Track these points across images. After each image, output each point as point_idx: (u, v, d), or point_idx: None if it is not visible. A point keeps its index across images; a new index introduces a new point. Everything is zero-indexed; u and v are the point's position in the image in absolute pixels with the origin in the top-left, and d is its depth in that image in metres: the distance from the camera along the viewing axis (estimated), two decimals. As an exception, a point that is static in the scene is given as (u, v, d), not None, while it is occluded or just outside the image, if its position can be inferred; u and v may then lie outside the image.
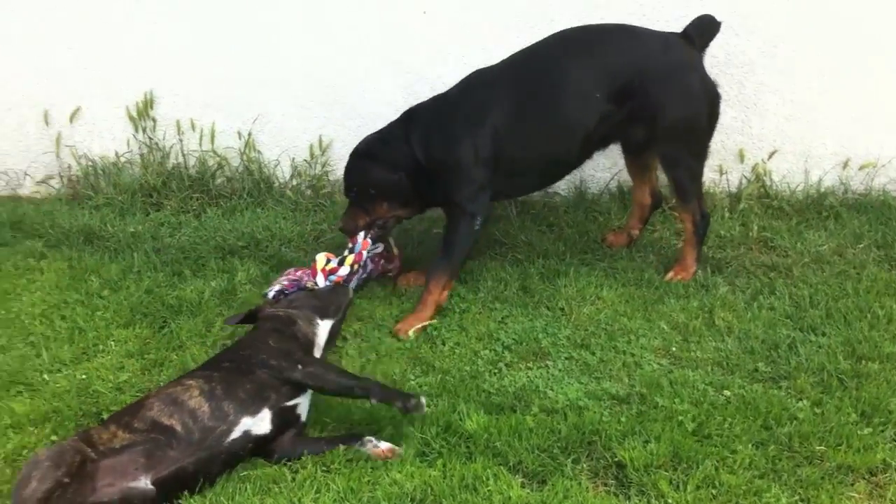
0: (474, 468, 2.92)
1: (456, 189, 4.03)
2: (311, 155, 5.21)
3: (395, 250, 4.34)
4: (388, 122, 4.22)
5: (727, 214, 4.67)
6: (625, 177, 4.91)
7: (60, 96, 5.41)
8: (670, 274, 4.17)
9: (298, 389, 3.14)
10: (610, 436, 3.05)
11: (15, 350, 3.81)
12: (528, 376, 3.46)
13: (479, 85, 4.11)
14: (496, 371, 3.52)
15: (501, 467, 2.95)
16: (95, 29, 5.28)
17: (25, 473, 2.71)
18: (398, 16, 4.95)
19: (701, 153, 4.16)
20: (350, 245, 4.08)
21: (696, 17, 4.14)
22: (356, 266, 4.03)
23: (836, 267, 4.18)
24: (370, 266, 4.17)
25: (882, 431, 3.04)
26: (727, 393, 3.29)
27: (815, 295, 3.91)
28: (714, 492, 2.81)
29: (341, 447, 3.05)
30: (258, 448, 3.07)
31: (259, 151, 5.29)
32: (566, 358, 3.58)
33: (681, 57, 4.06)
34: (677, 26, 4.17)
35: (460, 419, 3.15)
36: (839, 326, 3.67)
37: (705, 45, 4.18)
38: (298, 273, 3.99)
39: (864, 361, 3.42)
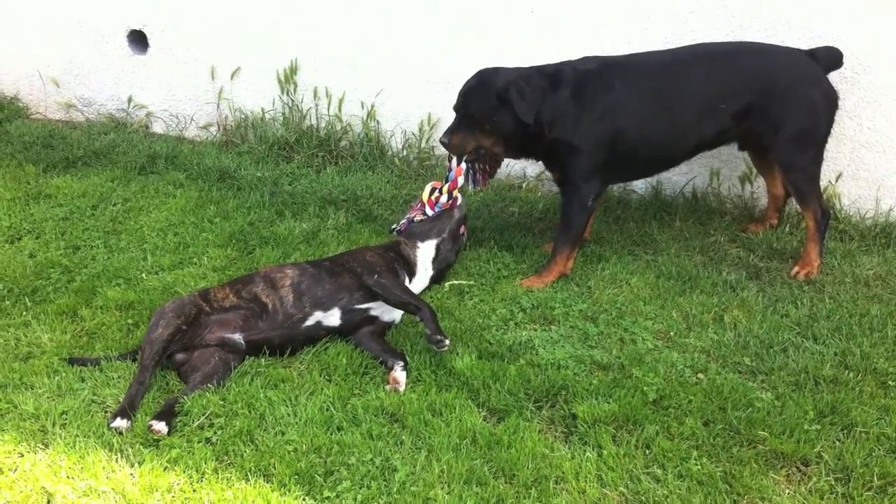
0: (446, 397, 3.38)
1: (573, 168, 4.34)
2: (420, 130, 5.76)
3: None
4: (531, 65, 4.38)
5: (788, 230, 4.79)
6: (699, 183, 5.13)
7: (225, 56, 6.27)
8: (795, 269, 4.36)
9: (373, 296, 3.80)
10: (576, 392, 3.41)
11: (129, 253, 4.63)
12: (530, 335, 3.84)
13: (614, 76, 4.32)
14: (504, 327, 3.94)
15: (470, 401, 3.39)
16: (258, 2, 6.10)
17: (155, 321, 3.62)
18: (505, 14, 5.41)
19: (817, 157, 4.38)
20: (447, 174, 4.42)
21: (825, 46, 4.45)
22: (455, 192, 4.41)
23: (873, 290, 4.20)
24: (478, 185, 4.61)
25: (830, 429, 3.19)
26: (700, 376, 3.54)
27: (835, 310, 4.00)
28: (647, 451, 3.12)
29: (386, 360, 3.60)
30: (335, 334, 3.78)
31: (378, 121, 5.91)
32: (570, 326, 3.93)
33: (804, 73, 4.31)
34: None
35: (453, 359, 3.60)
36: (842, 339, 3.76)
37: (827, 72, 4.40)
38: (417, 207, 4.49)
39: (848, 371, 3.54)
